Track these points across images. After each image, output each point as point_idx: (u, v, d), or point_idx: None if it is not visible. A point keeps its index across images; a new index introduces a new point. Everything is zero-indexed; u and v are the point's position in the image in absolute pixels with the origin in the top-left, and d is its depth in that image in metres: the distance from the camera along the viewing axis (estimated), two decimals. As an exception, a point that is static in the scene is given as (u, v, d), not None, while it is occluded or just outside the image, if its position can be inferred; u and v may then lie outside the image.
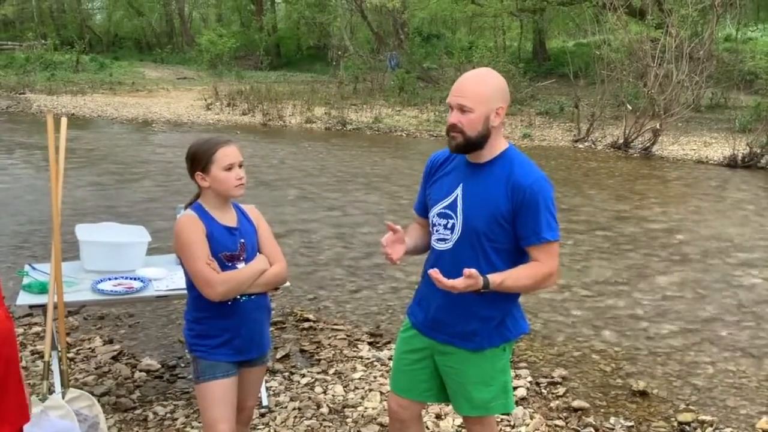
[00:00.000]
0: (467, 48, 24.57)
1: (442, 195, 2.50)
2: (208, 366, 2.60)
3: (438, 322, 2.53)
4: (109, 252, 3.78)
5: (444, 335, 2.53)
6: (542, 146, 14.30)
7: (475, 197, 2.42)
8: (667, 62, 13.77)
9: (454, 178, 2.49)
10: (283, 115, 17.52)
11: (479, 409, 2.59)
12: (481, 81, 2.40)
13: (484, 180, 2.43)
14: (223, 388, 2.60)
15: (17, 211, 7.96)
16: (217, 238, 2.56)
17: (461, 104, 2.36)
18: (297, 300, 5.52)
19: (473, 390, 2.54)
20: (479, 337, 2.49)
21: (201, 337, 2.62)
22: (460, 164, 2.51)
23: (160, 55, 36.62)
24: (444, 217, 2.48)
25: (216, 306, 2.57)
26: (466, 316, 2.47)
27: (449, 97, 2.41)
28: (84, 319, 5.06)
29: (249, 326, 2.64)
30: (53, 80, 24.85)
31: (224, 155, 2.54)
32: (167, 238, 5.68)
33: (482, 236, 2.40)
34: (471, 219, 2.41)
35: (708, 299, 5.73)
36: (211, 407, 2.60)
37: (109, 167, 11.09)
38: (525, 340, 4.82)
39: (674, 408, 3.95)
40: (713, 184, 10.82)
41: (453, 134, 2.40)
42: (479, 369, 2.53)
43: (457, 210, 2.45)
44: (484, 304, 2.41)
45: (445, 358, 2.56)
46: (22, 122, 16.36)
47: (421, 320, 2.60)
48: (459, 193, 2.46)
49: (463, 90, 2.38)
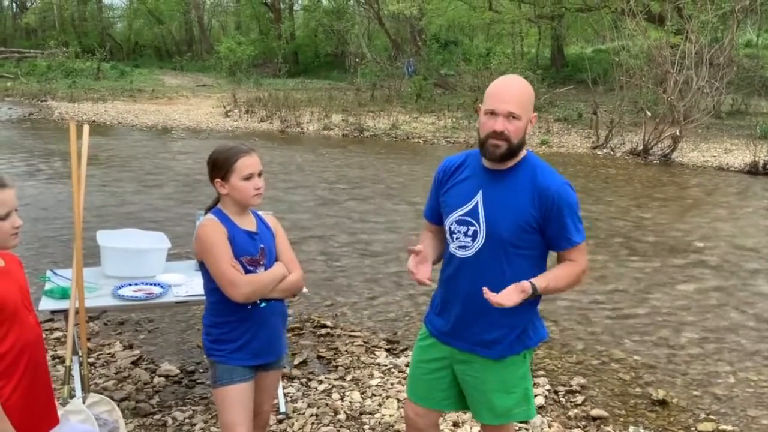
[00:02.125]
0: (485, 54, 24.55)
1: (460, 202, 2.47)
2: (225, 370, 2.63)
3: (459, 331, 2.51)
4: (130, 258, 3.82)
5: (465, 343, 2.51)
6: (560, 153, 14.24)
7: (498, 204, 2.41)
8: (686, 68, 13.67)
9: (473, 185, 2.46)
10: (301, 122, 17.59)
11: (501, 417, 2.58)
12: (524, 88, 2.41)
13: (506, 186, 2.41)
14: (240, 392, 2.63)
15: (39, 217, 8.06)
16: (239, 242, 2.59)
17: (511, 111, 2.33)
18: (314, 306, 5.53)
19: (495, 398, 2.53)
20: (501, 345, 2.48)
21: (219, 341, 2.65)
22: (477, 170, 2.48)
23: (179, 63, 36.96)
24: (464, 224, 2.45)
25: (235, 311, 2.60)
26: (490, 325, 2.45)
27: (492, 103, 2.35)
28: (104, 324, 5.11)
29: (267, 331, 2.68)
30: (74, 88, 25.15)
31: (244, 165, 2.57)
32: (187, 245, 5.74)
33: (507, 243, 2.39)
34: (495, 226, 2.40)
35: (728, 307, 5.67)
36: (228, 411, 2.64)
37: (130, 174, 11.19)
38: (543, 348, 4.80)
39: (694, 417, 3.91)
40: (734, 191, 10.71)
41: (497, 142, 2.35)
42: (500, 377, 2.52)
43: (478, 217, 2.42)
44: (507, 312, 2.37)
45: (464, 366, 2.55)
46: (43, 129, 16.56)
47: (440, 328, 2.58)
48: (479, 199, 2.43)
49: (512, 97, 2.35)
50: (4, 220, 2.19)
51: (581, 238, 2.42)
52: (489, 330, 2.46)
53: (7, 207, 2.19)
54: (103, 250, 3.84)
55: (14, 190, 2.25)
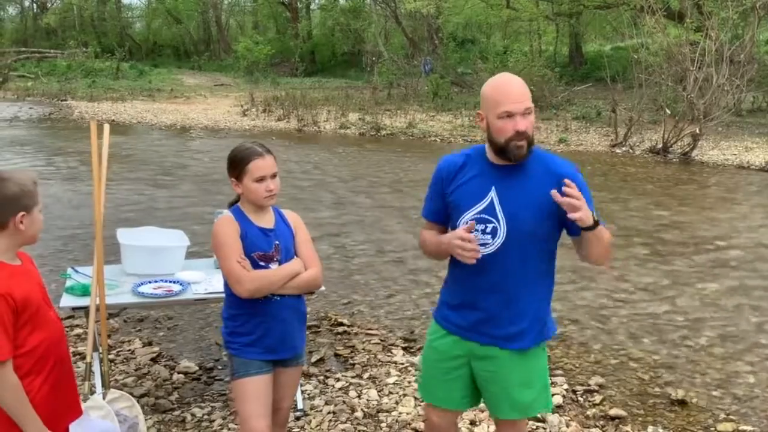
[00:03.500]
0: (502, 53, 24.51)
1: (473, 200, 2.46)
2: (241, 363, 2.67)
3: (482, 326, 2.50)
4: (150, 255, 3.86)
5: (487, 337, 2.51)
6: (579, 151, 14.15)
7: (515, 198, 2.41)
8: (706, 66, 13.53)
9: (484, 182, 2.46)
10: (318, 121, 17.63)
11: (523, 411, 2.59)
12: (522, 83, 2.44)
13: (521, 180, 2.43)
14: (256, 385, 2.66)
15: (60, 215, 8.15)
16: (251, 239, 2.65)
17: (528, 107, 2.37)
18: (331, 304, 5.55)
19: (516, 393, 2.54)
20: (528, 336, 2.50)
21: (234, 334, 2.70)
22: (484, 167, 2.48)
23: (197, 63, 37.17)
24: (481, 222, 2.44)
25: (248, 304, 2.65)
26: (516, 317, 2.47)
27: (506, 105, 2.35)
28: (124, 321, 5.16)
29: (279, 326, 2.70)
30: (94, 87, 25.39)
31: (256, 168, 2.62)
32: (205, 243, 5.77)
33: (528, 236, 2.41)
34: (516, 220, 2.41)
35: (748, 307, 5.61)
36: (245, 403, 2.67)
37: (149, 172, 11.28)
38: (561, 348, 4.78)
39: (714, 418, 3.88)
40: (754, 189, 10.59)
41: (521, 143, 2.35)
42: (522, 370, 2.53)
43: (496, 213, 2.42)
44: (532, 304, 2.48)
45: (484, 363, 2.54)
46: (64, 128, 16.73)
47: (459, 324, 2.56)
48: (494, 196, 2.43)
49: (521, 94, 2.38)
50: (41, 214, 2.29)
51: (602, 221, 2.41)
52: (515, 322, 2.48)
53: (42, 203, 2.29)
54: (124, 247, 3.88)
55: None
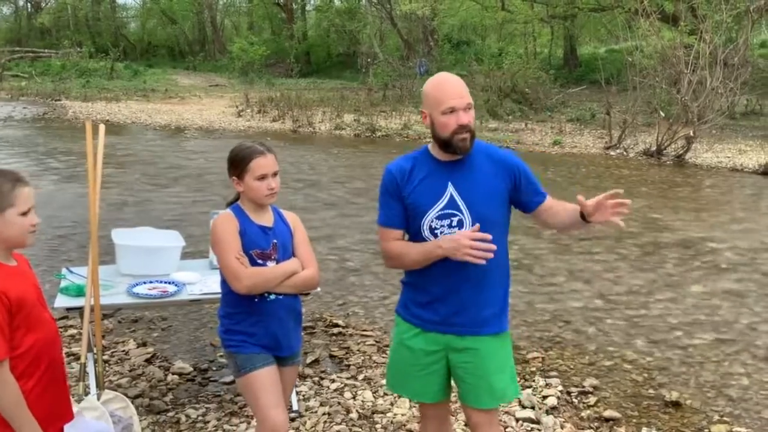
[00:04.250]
0: (497, 55, 24.55)
1: (433, 199, 2.53)
2: (245, 359, 2.67)
3: (457, 317, 2.56)
4: (145, 256, 3.85)
5: (465, 327, 2.56)
6: (573, 153, 14.19)
7: (472, 189, 2.52)
8: (700, 68, 13.58)
9: (438, 180, 2.54)
10: (313, 122, 17.63)
11: (499, 398, 2.65)
12: (462, 81, 2.56)
13: (472, 171, 2.54)
14: (267, 376, 2.66)
15: (54, 215, 8.12)
16: (250, 236, 2.67)
17: (469, 103, 2.48)
18: (326, 305, 5.55)
19: (494, 379, 2.59)
20: (499, 319, 2.61)
21: (230, 332, 2.71)
22: (433, 166, 2.56)
23: (192, 63, 37.12)
24: (446, 218, 2.52)
25: (245, 302, 2.66)
26: (485, 302, 2.57)
27: (449, 102, 2.47)
28: (118, 322, 5.15)
29: (275, 325, 2.70)
30: (88, 87, 25.33)
31: (258, 166, 2.65)
32: (200, 243, 5.77)
33: (490, 222, 2.51)
34: (478, 208, 2.51)
35: (742, 309, 5.63)
36: (260, 396, 2.64)
37: (143, 173, 11.26)
38: (556, 349, 4.80)
39: (708, 419, 3.89)
40: (748, 192, 10.64)
41: (463, 136, 2.47)
42: (496, 356, 2.61)
43: (459, 206, 2.51)
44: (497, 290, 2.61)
45: (461, 354, 2.59)
46: (58, 128, 16.69)
47: (434, 320, 2.59)
48: (452, 190, 2.52)
49: (463, 90, 2.50)
50: (25, 216, 2.22)
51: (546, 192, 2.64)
52: (486, 307, 2.57)
53: (27, 204, 2.23)
54: (118, 248, 3.87)
55: (31, 188, 2.28)
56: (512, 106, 19.02)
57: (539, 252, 7.07)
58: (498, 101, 18.92)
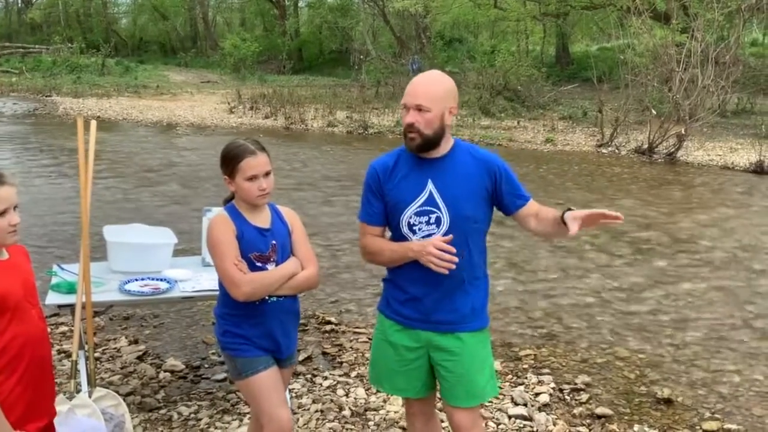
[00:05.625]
0: (489, 52, 24.52)
1: (412, 195, 2.54)
2: (246, 363, 2.61)
3: (436, 314, 2.57)
4: (137, 253, 3.83)
5: (444, 325, 2.58)
6: (565, 151, 14.22)
7: (452, 187, 2.53)
8: (692, 67, 13.62)
9: (418, 177, 2.55)
10: (305, 119, 17.60)
11: (477, 397, 2.65)
12: (434, 82, 2.53)
13: (453, 169, 2.55)
14: (270, 377, 2.62)
15: (45, 212, 8.07)
16: (248, 239, 2.59)
17: (419, 104, 2.46)
18: (319, 303, 5.54)
19: (473, 377, 2.60)
20: (479, 315, 2.63)
21: (228, 333, 2.64)
22: (415, 164, 2.56)
23: (184, 59, 36.95)
24: (424, 215, 2.53)
25: (242, 305, 2.58)
26: (464, 298, 2.58)
27: (405, 98, 2.50)
28: (110, 319, 5.13)
29: (274, 328, 2.65)
30: (79, 83, 25.19)
31: (248, 167, 2.56)
32: (192, 240, 5.75)
33: (469, 220, 2.54)
34: (456, 206, 2.52)
35: (733, 307, 5.66)
36: (263, 397, 2.61)
37: (135, 169, 11.21)
38: (548, 347, 4.81)
39: (699, 416, 3.91)
40: (739, 190, 10.68)
41: (411, 135, 2.49)
42: (476, 353, 2.62)
43: (437, 203, 2.52)
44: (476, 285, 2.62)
45: (443, 352, 2.60)
46: (48, 125, 16.59)
47: (414, 317, 2.61)
48: (431, 188, 2.53)
49: (418, 91, 2.48)
50: (2, 217, 2.17)
51: (529, 194, 2.64)
52: (466, 304, 2.59)
53: (5, 204, 2.17)
54: (110, 245, 3.85)
55: (14, 187, 2.24)
56: (504, 103, 19.03)
57: (532, 249, 7.08)
58: (490, 99, 18.93)
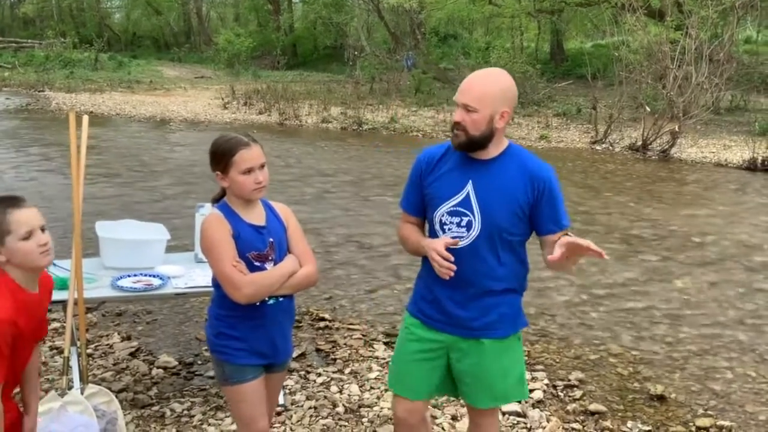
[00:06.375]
0: (484, 48, 24.54)
1: (449, 193, 2.47)
2: (236, 370, 2.52)
3: (459, 319, 2.51)
4: (129, 249, 3.81)
5: (466, 330, 2.52)
6: (559, 148, 14.23)
7: (491, 192, 2.43)
8: (686, 64, 13.64)
9: (461, 175, 2.47)
10: (299, 115, 17.55)
11: (500, 400, 2.63)
12: (489, 82, 2.42)
13: (496, 175, 2.45)
14: (254, 389, 2.55)
15: (36, 207, 8.02)
16: (245, 238, 2.48)
17: (465, 104, 2.39)
18: (313, 299, 5.53)
19: (494, 382, 2.56)
20: (502, 326, 2.54)
21: (222, 336, 2.53)
22: (462, 160, 2.48)
23: (177, 54, 36.82)
24: (456, 215, 2.45)
25: (240, 306, 2.47)
26: (491, 306, 2.50)
27: (456, 94, 2.43)
28: (102, 315, 5.10)
29: (273, 330, 2.56)
30: (72, 78, 25.07)
31: (243, 159, 2.44)
32: (185, 236, 5.72)
33: (502, 230, 2.44)
34: (491, 214, 2.42)
35: (727, 303, 5.67)
36: (245, 408, 2.55)
37: (128, 165, 11.16)
38: (541, 343, 4.81)
39: (692, 413, 3.92)
40: (732, 187, 10.71)
41: (456, 132, 2.43)
42: (500, 360, 2.56)
43: (472, 206, 2.44)
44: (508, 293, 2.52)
45: (464, 355, 2.55)
46: (41, 120, 16.50)
47: (437, 317, 2.56)
48: (470, 189, 2.44)
49: (470, 89, 2.40)
50: (27, 240, 2.17)
51: (569, 222, 2.50)
52: (490, 312, 2.51)
53: (28, 226, 2.18)
54: (102, 241, 3.82)
55: (35, 209, 2.25)
56: (499, 100, 19.01)
57: (525, 246, 7.08)
58: (485, 95, 18.91)
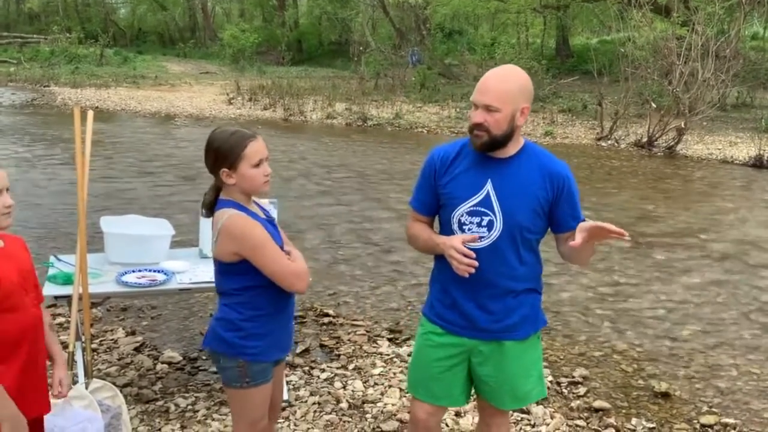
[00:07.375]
0: (489, 44, 24.45)
1: (468, 192, 2.43)
2: (259, 370, 2.49)
3: (481, 321, 2.49)
4: (134, 244, 3.81)
5: (487, 333, 2.50)
6: (564, 144, 14.19)
7: (511, 191, 2.40)
8: (692, 60, 13.58)
9: (479, 174, 2.43)
10: (304, 111, 17.55)
11: (522, 400, 2.64)
12: (508, 79, 2.37)
13: (516, 173, 2.42)
14: (268, 390, 2.57)
15: (42, 202, 8.05)
16: (270, 232, 2.44)
17: (487, 104, 2.33)
18: (317, 295, 5.53)
19: (517, 383, 2.56)
20: (524, 326, 2.53)
21: (250, 337, 2.45)
22: (479, 159, 2.44)
23: (183, 50, 36.82)
24: (477, 215, 2.42)
25: (271, 303, 2.46)
26: (513, 307, 2.48)
27: (474, 94, 2.37)
28: (107, 310, 5.12)
29: (290, 321, 2.62)
30: (77, 73, 25.09)
31: (254, 151, 2.39)
32: (189, 232, 5.73)
33: (523, 229, 2.42)
34: (512, 213, 2.40)
35: (732, 300, 5.66)
36: (256, 409, 2.55)
37: (133, 160, 11.18)
38: (546, 340, 4.80)
39: (697, 410, 3.91)
40: (738, 184, 10.68)
41: (478, 133, 2.37)
42: (521, 361, 2.56)
43: (493, 206, 2.40)
44: (528, 292, 2.52)
45: (485, 358, 2.54)
46: (46, 115, 16.53)
47: (459, 323, 2.53)
48: (490, 188, 2.41)
49: (489, 89, 2.34)
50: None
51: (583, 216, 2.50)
52: (511, 314, 2.49)
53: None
54: (107, 236, 3.83)
55: (4, 171, 2.27)
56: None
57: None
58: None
